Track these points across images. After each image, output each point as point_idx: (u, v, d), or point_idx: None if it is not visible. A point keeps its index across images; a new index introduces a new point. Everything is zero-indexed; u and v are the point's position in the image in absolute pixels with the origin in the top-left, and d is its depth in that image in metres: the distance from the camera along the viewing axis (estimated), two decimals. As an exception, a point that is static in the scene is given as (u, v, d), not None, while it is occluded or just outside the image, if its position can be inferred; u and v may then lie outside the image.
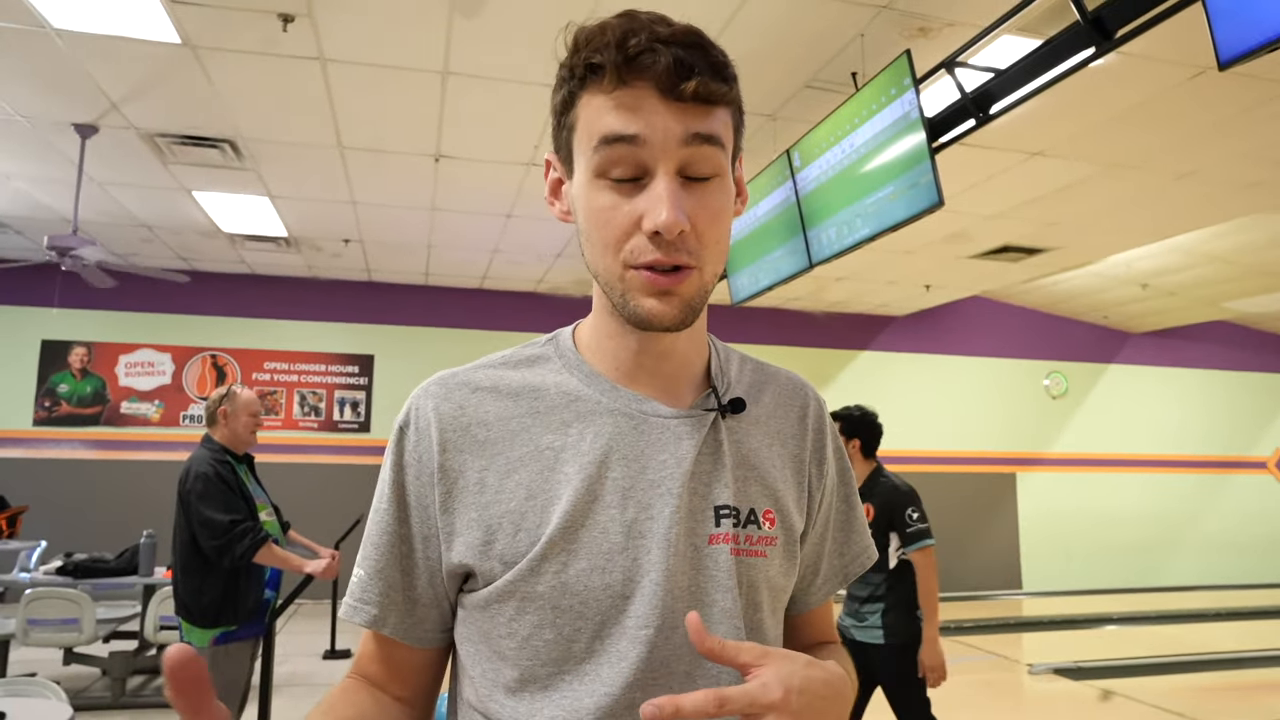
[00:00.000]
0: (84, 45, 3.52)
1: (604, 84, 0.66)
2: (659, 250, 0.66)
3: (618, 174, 0.67)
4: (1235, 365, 9.63)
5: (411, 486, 0.73)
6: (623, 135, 0.65)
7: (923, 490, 3.28)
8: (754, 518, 0.75)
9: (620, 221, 0.67)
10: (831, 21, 3.34)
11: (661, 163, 0.66)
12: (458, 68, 3.69)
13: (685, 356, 0.78)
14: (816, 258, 4.01)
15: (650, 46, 0.64)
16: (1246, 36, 2.10)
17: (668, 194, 0.65)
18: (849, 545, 0.87)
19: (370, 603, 0.73)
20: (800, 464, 0.82)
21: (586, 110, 0.68)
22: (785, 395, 0.84)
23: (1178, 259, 6.88)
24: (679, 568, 0.70)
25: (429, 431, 0.73)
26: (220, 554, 2.80)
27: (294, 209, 5.70)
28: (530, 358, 0.78)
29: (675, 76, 0.64)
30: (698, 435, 0.74)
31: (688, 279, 0.68)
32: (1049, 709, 3.79)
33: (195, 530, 2.83)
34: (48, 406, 7.04)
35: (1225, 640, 5.08)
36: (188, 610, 2.85)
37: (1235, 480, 9.45)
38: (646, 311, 0.68)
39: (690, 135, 0.66)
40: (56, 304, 6.90)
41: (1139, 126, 4.09)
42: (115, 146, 4.58)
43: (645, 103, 0.65)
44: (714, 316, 4.06)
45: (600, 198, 0.68)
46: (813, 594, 0.86)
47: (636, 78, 0.65)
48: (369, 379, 7.61)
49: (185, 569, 2.86)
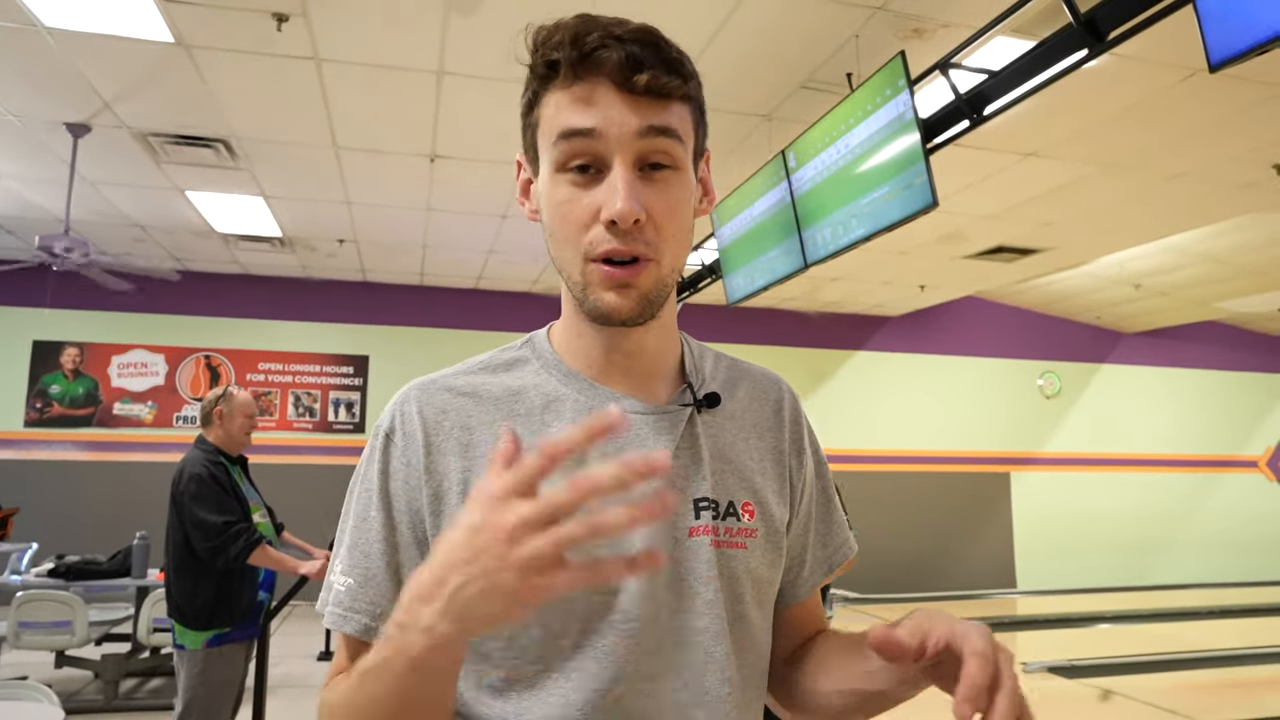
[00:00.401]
0: (76, 44, 3.50)
1: (561, 80, 0.68)
2: (616, 239, 0.67)
3: (576, 166, 0.68)
4: (1227, 365, 9.68)
5: (401, 492, 0.73)
6: (579, 129, 0.67)
7: (918, 490, 3.28)
8: (733, 510, 0.76)
9: (579, 214, 0.68)
10: (826, 22, 3.34)
11: (618, 154, 0.67)
12: (453, 68, 3.69)
13: (657, 353, 0.78)
14: (812, 258, 4.01)
15: (603, 43, 0.66)
16: (1237, 39, 2.11)
17: (623, 184, 0.66)
18: (831, 536, 0.89)
19: (361, 611, 0.71)
20: (780, 455, 0.83)
21: (547, 107, 0.70)
22: (760, 390, 0.85)
23: (1170, 259, 6.92)
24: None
25: (415, 435, 0.73)
26: (214, 555, 2.79)
27: (288, 209, 5.68)
28: (508, 361, 0.79)
29: (628, 70, 0.66)
30: (674, 431, 0.75)
31: (645, 271, 0.69)
32: (1044, 707, 3.80)
33: (189, 532, 2.82)
34: (39, 407, 7.00)
35: (1219, 638, 5.11)
36: (181, 612, 2.84)
37: (1227, 479, 9.50)
38: (606, 306, 0.70)
39: (646, 128, 0.67)
40: (48, 304, 6.86)
41: (1132, 128, 4.11)
42: (108, 146, 4.56)
43: (600, 96, 0.67)
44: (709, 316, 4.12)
45: (560, 191, 0.69)
46: (801, 586, 0.87)
47: (591, 73, 0.67)
48: (364, 380, 7.60)
49: (178, 571, 2.85)
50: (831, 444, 8.33)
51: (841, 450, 8.33)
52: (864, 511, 8.21)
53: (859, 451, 8.41)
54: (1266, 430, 9.76)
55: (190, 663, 2.83)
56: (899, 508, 8.31)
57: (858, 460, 8.37)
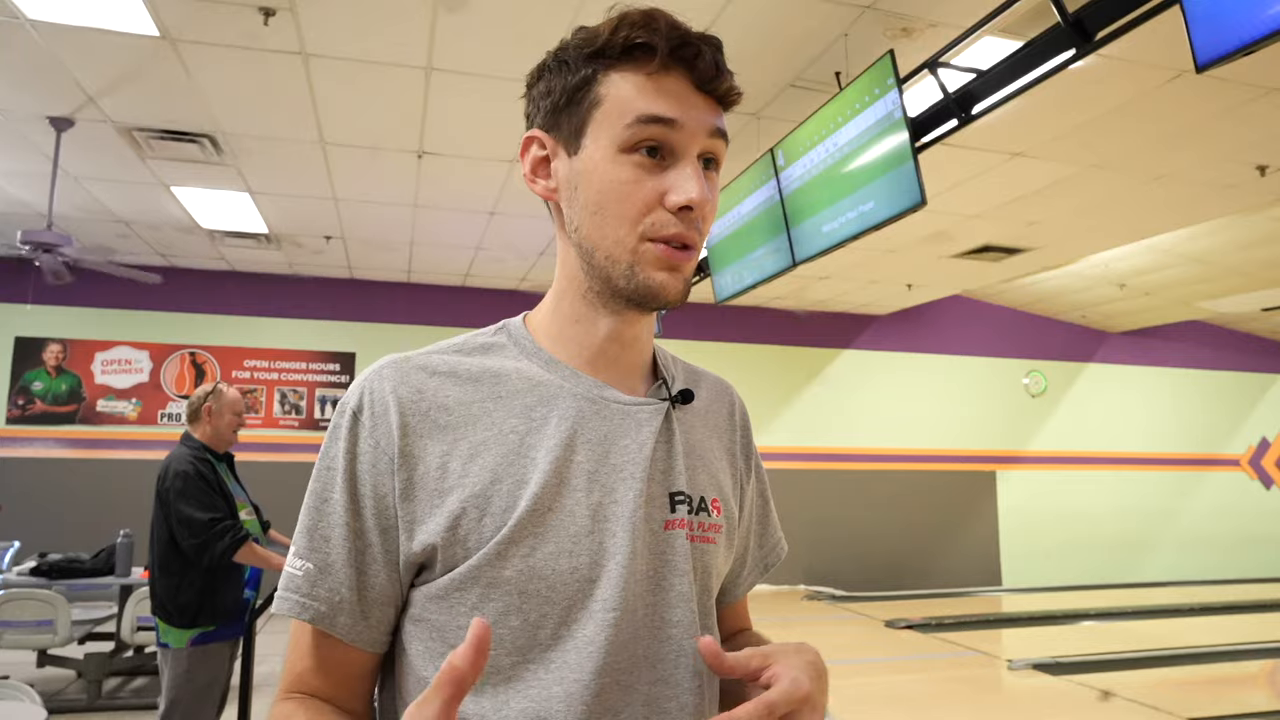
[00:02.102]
0: (60, 37, 3.46)
1: (647, 65, 0.69)
2: (683, 225, 0.70)
3: (647, 149, 0.70)
4: (1210, 364, 9.78)
5: (367, 476, 0.70)
6: (663, 117, 0.69)
7: (903, 488, 3.30)
8: (704, 505, 0.77)
9: (644, 195, 0.70)
10: (815, 21, 3.35)
11: (691, 147, 0.71)
12: (441, 64, 3.67)
13: (643, 347, 0.80)
14: (800, 256, 4.02)
15: (694, 42, 0.70)
16: (1223, 40, 2.13)
17: (697, 174, 0.70)
18: (766, 537, 0.92)
19: (320, 599, 0.68)
20: (733, 457, 0.86)
21: (618, 88, 0.70)
22: (715, 392, 0.88)
23: (1154, 259, 6.98)
24: (641, 552, 0.71)
25: (387, 416, 0.70)
26: (200, 552, 2.77)
27: (275, 205, 5.64)
28: (484, 345, 0.78)
29: (714, 72, 0.70)
30: (655, 422, 0.76)
31: (690, 259, 0.73)
32: (1028, 704, 3.83)
33: (174, 528, 2.80)
34: (21, 405, 6.92)
35: (1202, 635, 5.16)
36: (165, 610, 2.82)
37: (1210, 478, 9.60)
38: (658, 284, 0.71)
39: (714, 128, 0.71)
40: (30, 300, 6.79)
41: (1118, 128, 4.14)
42: (92, 140, 4.51)
43: (687, 92, 0.70)
44: (697, 315, 4.12)
45: (625, 171, 0.70)
46: (740, 584, 0.90)
47: (683, 66, 0.70)
48: (350, 377, 7.55)
49: (163, 568, 2.83)
50: (817, 442, 8.36)
51: (827, 449, 8.36)
52: (850, 509, 8.26)
53: (845, 450, 8.44)
54: (1248, 429, 9.87)
55: (174, 661, 2.81)
56: (885, 506, 8.36)
57: (843, 458, 8.40)
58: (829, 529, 8.06)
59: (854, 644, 4.79)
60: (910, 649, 4.68)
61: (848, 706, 3.00)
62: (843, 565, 7.89)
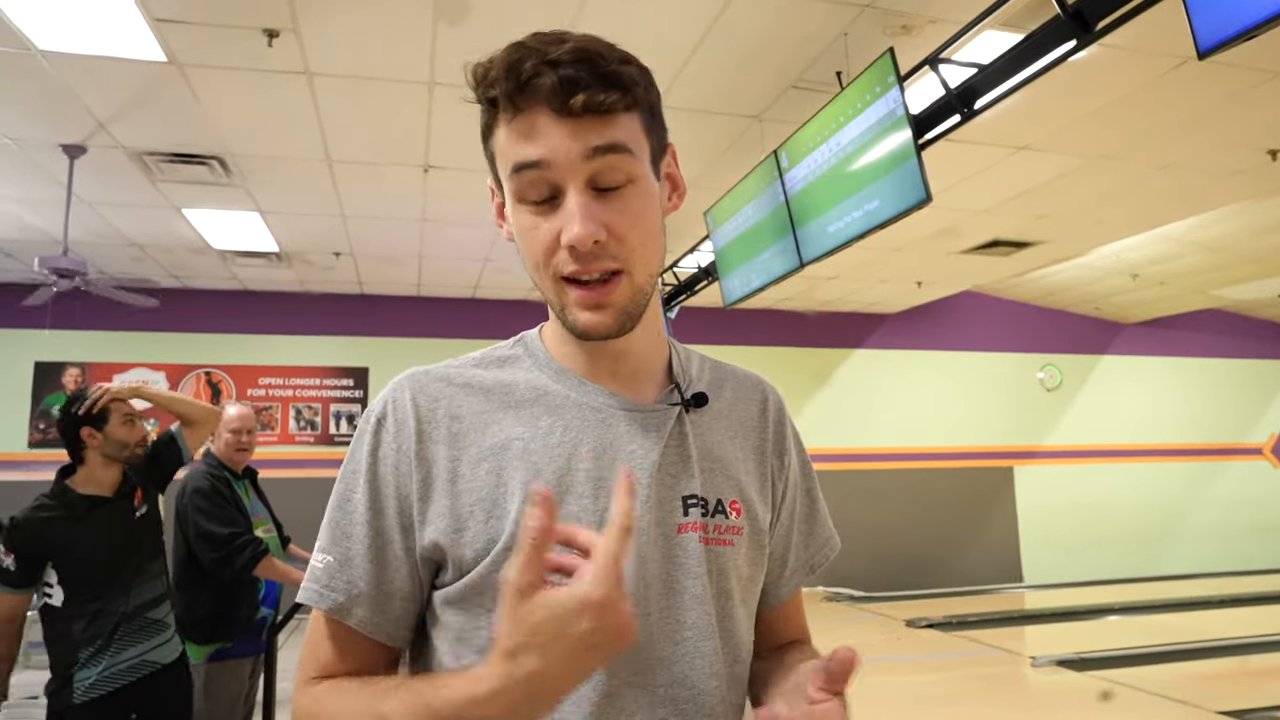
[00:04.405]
0: (70, 66, 3.52)
1: (503, 114, 0.69)
2: (579, 262, 0.69)
3: (533, 197, 0.69)
4: (1227, 353, 9.67)
5: (389, 477, 0.73)
6: (527, 162, 0.68)
7: (921, 487, 3.28)
8: (721, 508, 0.77)
9: (543, 240, 0.70)
10: (815, 21, 3.36)
11: (570, 180, 0.68)
12: (443, 78, 3.70)
13: (643, 356, 0.79)
14: (807, 257, 4.02)
15: (537, 70, 0.66)
16: (1225, 24, 2.12)
17: (578, 209, 0.67)
18: (813, 536, 0.90)
19: (338, 590, 0.72)
20: (762, 456, 0.84)
21: (498, 141, 0.71)
22: (744, 390, 0.87)
23: (1167, 248, 6.92)
24: (651, 556, 0.72)
25: (407, 422, 0.74)
26: (220, 567, 2.79)
27: (284, 224, 5.70)
28: (501, 358, 0.80)
29: (563, 94, 0.66)
30: (663, 429, 0.76)
31: (618, 287, 0.70)
32: (1053, 701, 3.79)
33: (193, 544, 2.83)
34: (43, 429, 7.01)
35: (1229, 626, 5.09)
36: (182, 625, 2.84)
37: (1231, 467, 9.49)
38: (584, 324, 0.71)
39: (591, 150, 0.68)
40: (49, 325, 6.87)
41: (1123, 118, 4.12)
42: (104, 166, 4.57)
43: (542, 126, 0.67)
44: (707, 319, 4.12)
45: (523, 220, 0.71)
46: (782, 586, 0.87)
47: (529, 103, 0.67)
48: (364, 391, 7.60)
49: (179, 584, 2.85)
50: (832, 443, 8.33)
51: (843, 449, 8.32)
52: (867, 510, 8.21)
53: (860, 450, 8.40)
54: (1270, 417, 9.75)
55: (193, 677, 2.83)
56: (902, 505, 8.30)
57: (860, 458, 8.36)
58: (846, 530, 7.86)
59: (875, 645, 4.76)
60: (932, 648, 4.64)
61: (870, 708, 2.97)
62: (861, 566, 7.84)
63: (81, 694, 2.18)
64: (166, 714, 2.38)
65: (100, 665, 2.21)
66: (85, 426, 2.34)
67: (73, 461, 2.38)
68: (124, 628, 2.27)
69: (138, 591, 2.33)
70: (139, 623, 2.32)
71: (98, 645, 2.22)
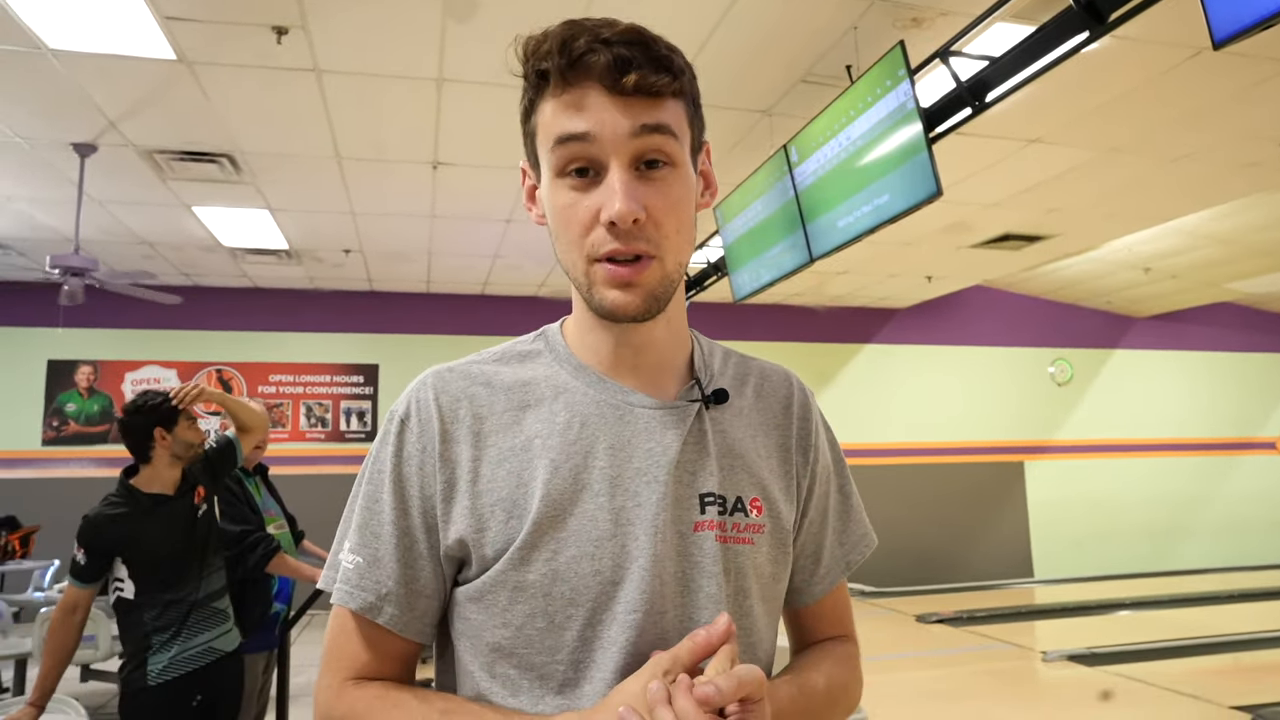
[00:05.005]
0: (80, 65, 3.53)
1: (552, 88, 0.69)
2: (617, 240, 0.69)
3: (574, 170, 0.69)
4: (1240, 346, 9.60)
5: (414, 477, 0.74)
6: (573, 134, 0.68)
7: (931, 481, 3.26)
8: (741, 505, 0.76)
9: (581, 216, 0.70)
10: (825, 15, 3.34)
11: (614, 156, 0.68)
12: (452, 74, 3.70)
13: (665, 349, 0.79)
14: (817, 252, 4.01)
15: (591, 47, 0.67)
16: (1240, 14, 2.09)
17: (620, 185, 0.68)
18: (848, 533, 0.89)
19: (368, 590, 0.73)
20: (786, 453, 0.83)
21: (542, 115, 0.71)
22: (769, 386, 0.85)
23: (1179, 241, 6.87)
24: (666, 554, 0.72)
25: (431, 422, 0.75)
26: (233, 565, 2.81)
27: (294, 221, 5.72)
28: (522, 354, 0.81)
29: (616, 72, 0.67)
30: (682, 425, 0.76)
31: (648, 269, 0.70)
32: (1064, 696, 3.78)
33: (206, 542, 2.84)
34: (56, 426, 7.06)
35: (1241, 622, 5.06)
36: (197, 623, 2.86)
37: (1243, 461, 9.42)
38: (611, 303, 0.71)
39: (639, 127, 0.68)
40: (61, 323, 6.92)
41: (1135, 110, 4.09)
42: (114, 165, 4.60)
43: (591, 100, 0.68)
44: (716, 314, 4.12)
45: (561, 196, 0.71)
46: (816, 584, 0.86)
47: (581, 78, 0.68)
48: (374, 388, 7.63)
49: (194, 582, 2.87)
50: (842, 438, 8.19)
51: (854, 444, 8.30)
52: (878, 505, 8.18)
53: (871, 445, 8.38)
54: (1282, 411, 9.67)
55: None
56: (913, 500, 8.28)
57: (870, 454, 8.34)
58: (856, 525, 7.98)
59: (886, 640, 4.76)
60: (943, 643, 4.64)
61: (881, 703, 2.98)
62: (872, 561, 7.72)
63: (155, 676, 2.29)
64: (225, 699, 2.46)
65: (172, 650, 2.32)
66: (158, 427, 2.43)
67: (137, 462, 2.46)
68: (195, 615, 2.37)
69: (206, 582, 2.44)
70: (207, 611, 2.42)
71: (171, 632, 2.33)
